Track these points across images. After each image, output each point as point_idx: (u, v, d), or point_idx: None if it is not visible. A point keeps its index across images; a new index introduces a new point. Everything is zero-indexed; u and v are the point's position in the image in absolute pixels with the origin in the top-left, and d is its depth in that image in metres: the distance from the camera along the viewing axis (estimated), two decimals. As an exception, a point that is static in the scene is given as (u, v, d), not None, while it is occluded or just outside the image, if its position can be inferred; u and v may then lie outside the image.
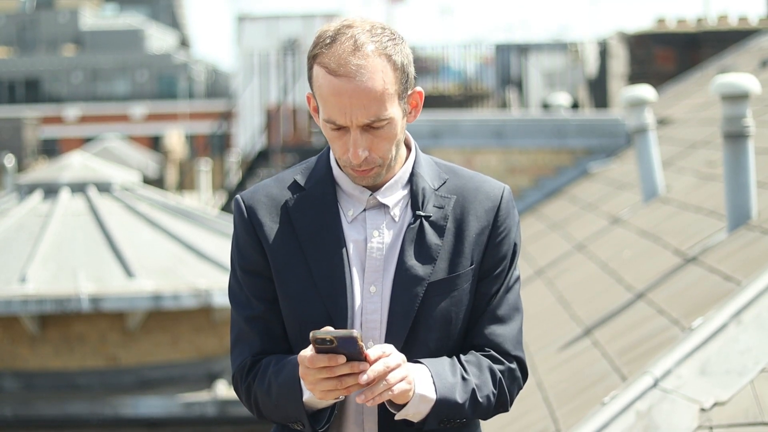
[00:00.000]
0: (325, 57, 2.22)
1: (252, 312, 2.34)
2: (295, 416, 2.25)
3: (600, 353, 5.16)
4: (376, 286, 2.30)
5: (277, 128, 17.39)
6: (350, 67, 2.20)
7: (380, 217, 2.32)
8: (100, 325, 11.54)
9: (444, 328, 2.30)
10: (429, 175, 2.36)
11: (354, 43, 2.22)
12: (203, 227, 12.45)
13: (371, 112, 2.21)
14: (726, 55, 13.09)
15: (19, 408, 11.15)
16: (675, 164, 8.32)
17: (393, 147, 2.28)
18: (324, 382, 2.13)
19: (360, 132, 2.23)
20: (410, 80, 2.29)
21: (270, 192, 2.36)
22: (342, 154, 2.27)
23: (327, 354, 2.11)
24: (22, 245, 11.59)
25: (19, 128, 31.48)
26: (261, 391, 2.29)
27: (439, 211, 2.32)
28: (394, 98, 2.24)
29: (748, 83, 5.50)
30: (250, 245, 2.34)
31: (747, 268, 4.81)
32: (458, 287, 2.31)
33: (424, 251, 2.30)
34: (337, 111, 2.22)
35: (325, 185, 2.34)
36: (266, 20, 25.36)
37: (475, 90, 18.96)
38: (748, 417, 4.01)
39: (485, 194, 2.36)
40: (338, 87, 2.20)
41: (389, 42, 2.25)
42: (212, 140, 28.77)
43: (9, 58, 56.60)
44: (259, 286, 2.34)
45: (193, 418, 11.20)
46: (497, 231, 2.35)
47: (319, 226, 2.32)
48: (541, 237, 8.96)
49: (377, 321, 2.29)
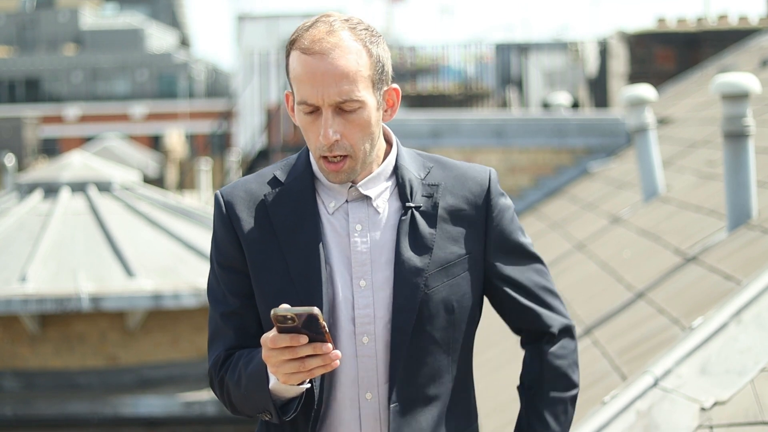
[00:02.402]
0: (301, 39, 2.24)
1: (227, 308, 2.33)
2: (262, 405, 2.23)
3: (600, 353, 5.16)
4: (365, 280, 2.29)
5: (277, 127, 17.39)
6: (324, 44, 2.22)
7: (363, 209, 2.32)
8: (100, 324, 11.54)
9: (447, 317, 2.30)
10: (413, 167, 2.36)
11: (330, 26, 2.24)
12: (203, 227, 12.45)
13: (343, 90, 2.21)
14: (726, 54, 13.09)
15: (19, 407, 11.15)
16: (675, 164, 8.32)
17: (366, 138, 2.27)
18: (287, 364, 2.12)
19: (332, 113, 2.23)
20: (386, 74, 2.30)
21: (249, 187, 2.36)
22: (315, 141, 2.27)
23: (289, 334, 2.10)
24: (22, 245, 11.59)
25: (19, 128, 31.47)
26: (232, 383, 2.28)
27: (428, 200, 2.32)
28: (367, 83, 2.25)
29: (748, 83, 5.50)
30: (227, 240, 2.34)
31: (747, 267, 4.81)
32: (457, 274, 2.31)
33: (419, 242, 2.29)
34: (309, 89, 2.23)
35: (304, 180, 2.34)
36: (266, 20, 25.38)
37: (475, 89, 18.96)
38: (748, 416, 4.01)
39: (472, 179, 2.37)
40: (311, 64, 2.22)
41: (365, 32, 2.27)
42: (212, 139, 28.77)
43: (9, 58, 56.59)
44: (235, 281, 2.33)
45: (193, 417, 11.20)
46: (492, 214, 2.36)
47: (296, 221, 2.31)
48: (541, 236, 8.96)
49: (370, 316, 2.28)
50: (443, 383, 2.33)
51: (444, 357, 2.32)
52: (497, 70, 17.44)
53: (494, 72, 17.80)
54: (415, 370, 2.29)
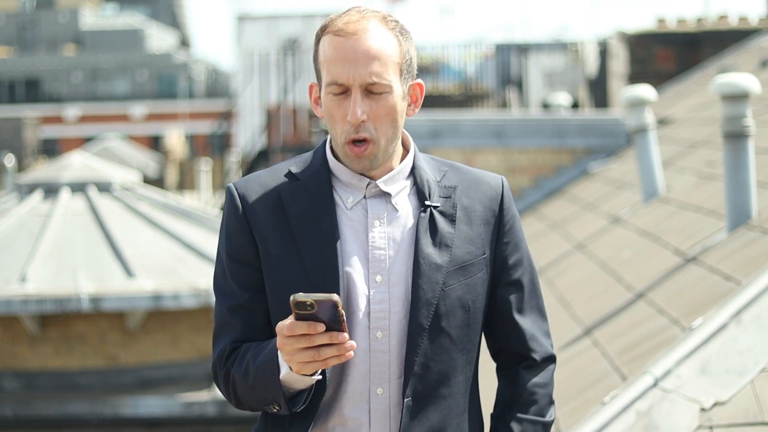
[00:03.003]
0: (334, 24, 2.28)
1: (235, 301, 2.32)
2: (271, 397, 2.22)
3: (600, 353, 5.16)
4: (381, 275, 2.29)
5: (277, 128, 17.40)
6: (358, 26, 2.25)
7: (382, 205, 2.32)
8: (100, 324, 11.54)
9: (463, 315, 2.31)
10: (430, 169, 2.38)
11: (362, 14, 2.28)
12: (203, 227, 12.45)
13: (374, 71, 2.24)
14: (726, 54, 13.09)
15: (19, 408, 11.15)
16: (675, 164, 8.32)
17: (390, 125, 2.29)
18: (302, 353, 2.11)
19: (361, 94, 2.25)
20: (413, 68, 2.33)
21: (263, 181, 2.35)
22: (342, 123, 2.27)
23: (306, 321, 2.09)
24: (22, 245, 11.59)
25: (19, 128, 31.48)
26: (239, 374, 2.27)
27: (447, 200, 2.35)
28: (396, 70, 2.28)
29: (748, 83, 5.50)
30: (240, 233, 2.32)
31: (747, 267, 4.81)
32: (473, 274, 2.33)
33: (439, 240, 2.31)
34: (341, 68, 2.24)
35: (320, 175, 2.34)
36: (266, 20, 25.35)
37: (475, 90, 18.96)
38: (748, 417, 4.01)
39: (487, 184, 2.42)
40: (344, 44, 2.25)
41: (396, 24, 2.31)
42: (212, 140, 28.77)
43: (9, 58, 56.59)
44: (245, 274, 2.32)
45: (193, 418, 11.19)
46: (504, 219, 2.40)
47: (313, 216, 2.31)
48: (541, 237, 8.96)
49: (385, 311, 2.28)
50: (456, 383, 2.33)
51: (459, 356, 2.33)
52: (497, 70, 17.44)
53: (494, 72, 17.80)
54: (429, 367, 2.29)
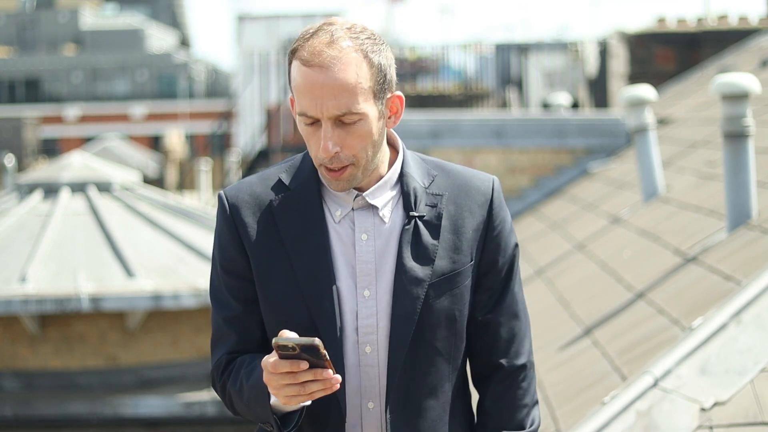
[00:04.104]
0: (302, 50, 2.22)
1: (230, 312, 2.32)
2: (264, 418, 2.25)
3: (600, 353, 5.16)
4: (369, 290, 2.28)
5: (277, 128, 17.39)
6: (324, 57, 2.19)
7: (369, 218, 2.30)
8: (100, 324, 11.54)
9: (449, 326, 2.30)
10: (418, 174, 2.34)
11: (331, 36, 2.21)
12: (203, 227, 12.45)
13: (342, 104, 2.19)
14: (726, 54, 13.08)
15: (19, 408, 11.15)
16: (675, 164, 8.31)
17: (368, 147, 2.24)
18: (287, 388, 2.12)
19: (331, 125, 2.21)
20: (389, 82, 2.27)
21: (254, 191, 2.33)
22: (316, 152, 2.24)
23: (290, 360, 2.10)
24: (22, 245, 11.59)
25: (19, 128, 31.48)
26: (234, 391, 2.29)
27: (432, 210, 2.31)
28: (368, 94, 2.21)
29: (748, 83, 5.50)
30: (231, 246, 2.31)
31: (747, 267, 4.81)
32: (459, 284, 2.30)
33: (422, 252, 2.28)
34: (309, 101, 2.20)
35: (310, 185, 2.31)
36: (266, 20, 25.37)
37: (475, 90, 18.96)
38: (748, 417, 4.01)
39: (476, 189, 2.35)
40: (311, 77, 2.19)
41: (367, 41, 2.23)
42: (212, 140, 28.77)
43: (9, 58, 56.59)
44: (238, 286, 2.32)
45: (193, 418, 11.19)
46: (493, 224, 2.35)
47: (304, 228, 2.29)
48: (541, 237, 8.96)
49: (373, 326, 2.28)
50: (444, 392, 2.32)
51: (445, 366, 2.32)
52: (497, 70, 17.44)
53: (494, 72, 17.80)
54: (415, 380, 2.29)
